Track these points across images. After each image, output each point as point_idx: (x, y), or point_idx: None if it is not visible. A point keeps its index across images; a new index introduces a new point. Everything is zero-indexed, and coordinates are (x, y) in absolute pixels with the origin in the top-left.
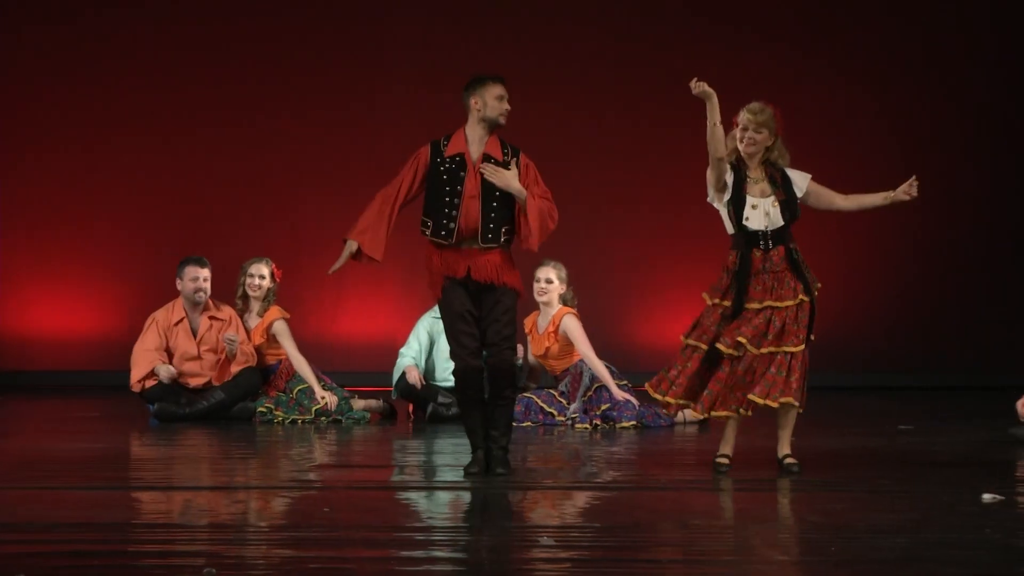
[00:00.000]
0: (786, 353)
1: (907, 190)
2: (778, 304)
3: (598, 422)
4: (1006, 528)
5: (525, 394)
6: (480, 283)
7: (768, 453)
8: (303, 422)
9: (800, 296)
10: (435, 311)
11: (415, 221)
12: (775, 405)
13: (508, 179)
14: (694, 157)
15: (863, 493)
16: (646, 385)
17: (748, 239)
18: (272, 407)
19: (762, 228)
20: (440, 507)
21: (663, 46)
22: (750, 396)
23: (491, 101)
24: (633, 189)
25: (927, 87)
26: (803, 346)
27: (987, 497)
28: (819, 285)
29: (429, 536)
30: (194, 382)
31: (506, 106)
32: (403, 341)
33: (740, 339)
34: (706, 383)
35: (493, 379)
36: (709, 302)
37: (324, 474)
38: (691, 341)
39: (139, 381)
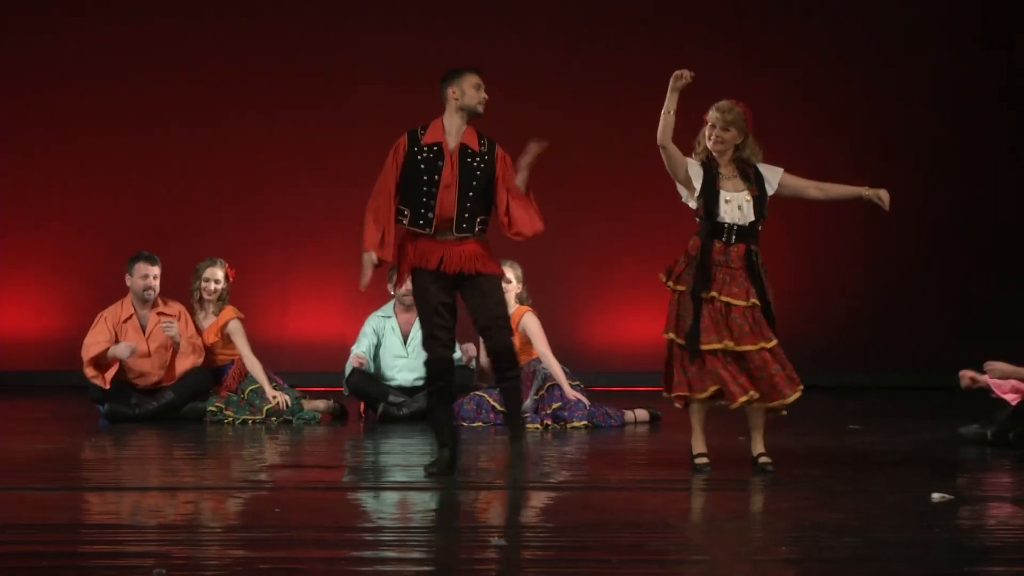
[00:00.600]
0: (768, 350)
1: (883, 200)
2: (729, 300)
3: (549, 422)
4: (955, 527)
5: (476, 392)
6: (451, 274)
7: (718, 451)
8: (253, 422)
9: (752, 299)
10: (382, 311)
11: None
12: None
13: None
14: (648, 158)
15: (812, 492)
16: (668, 396)
17: (713, 229)
18: (222, 407)
19: (734, 222)
20: (391, 507)
21: (621, 46)
22: (786, 401)
23: (469, 90)
24: (586, 188)
25: (875, 91)
26: (775, 341)
27: (936, 496)
28: (772, 292)
29: (379, 536)
30: (143, 381)
31: (484, 95)
32: (353, 340)
33: (727, 342)
34: (715, 374)
35: (496, 362)
36: (670, 286)
37: (275, 474)
38: (671, 336)
39: (90, 365)
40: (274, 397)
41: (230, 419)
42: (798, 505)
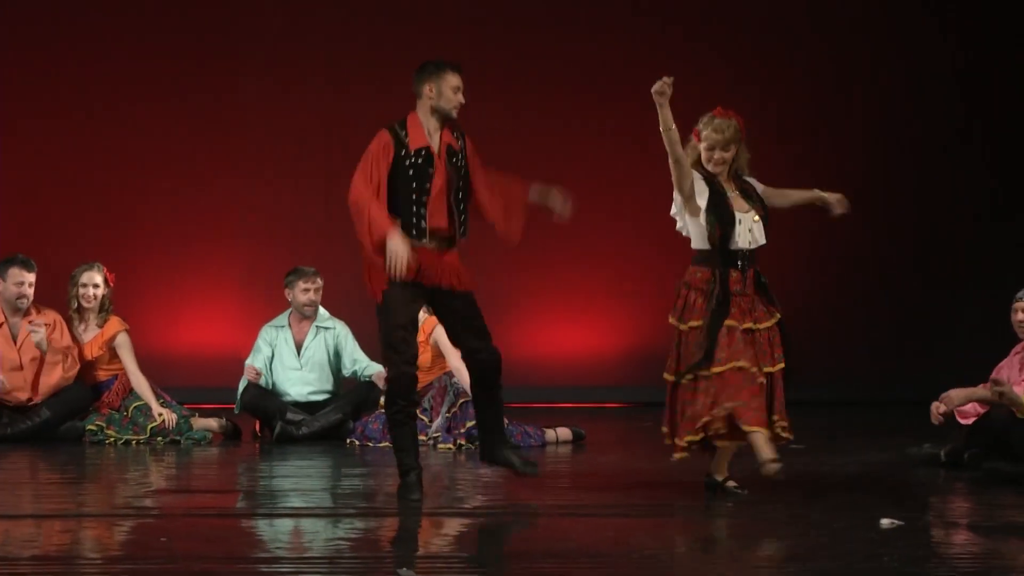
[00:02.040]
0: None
1: (838, 203)
2: (759, 326)
3: (463, 441)
4: (905, 556)
5: (382, 411)
6: (427, 287)
7: (646, 473)
8: (138, 443)
9: (775, 316)
10: (276, 321)
11: (255, 222)
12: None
13: None
14: (586, 159)
15: (750, 519)
16: (669, 438)
17: (726, 258)
18: (103, 426)
19: (745, 247)
20: (288, 536)
21: (581, 43)
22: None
23: (447, 92)
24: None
25: (843, 102)
26: (783, 364)
27: (885, 522)
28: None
29: (276, 568)
30: (15, 397)
31: (461, 99)
32: (247, 353)
33: (743, 363)
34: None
35: (484, 376)
36: (682, 327)
37: (161, 500)
38: (685, 381)
39: None
40: (160, 415)
41: (112, 439)
42: (734, 532)
